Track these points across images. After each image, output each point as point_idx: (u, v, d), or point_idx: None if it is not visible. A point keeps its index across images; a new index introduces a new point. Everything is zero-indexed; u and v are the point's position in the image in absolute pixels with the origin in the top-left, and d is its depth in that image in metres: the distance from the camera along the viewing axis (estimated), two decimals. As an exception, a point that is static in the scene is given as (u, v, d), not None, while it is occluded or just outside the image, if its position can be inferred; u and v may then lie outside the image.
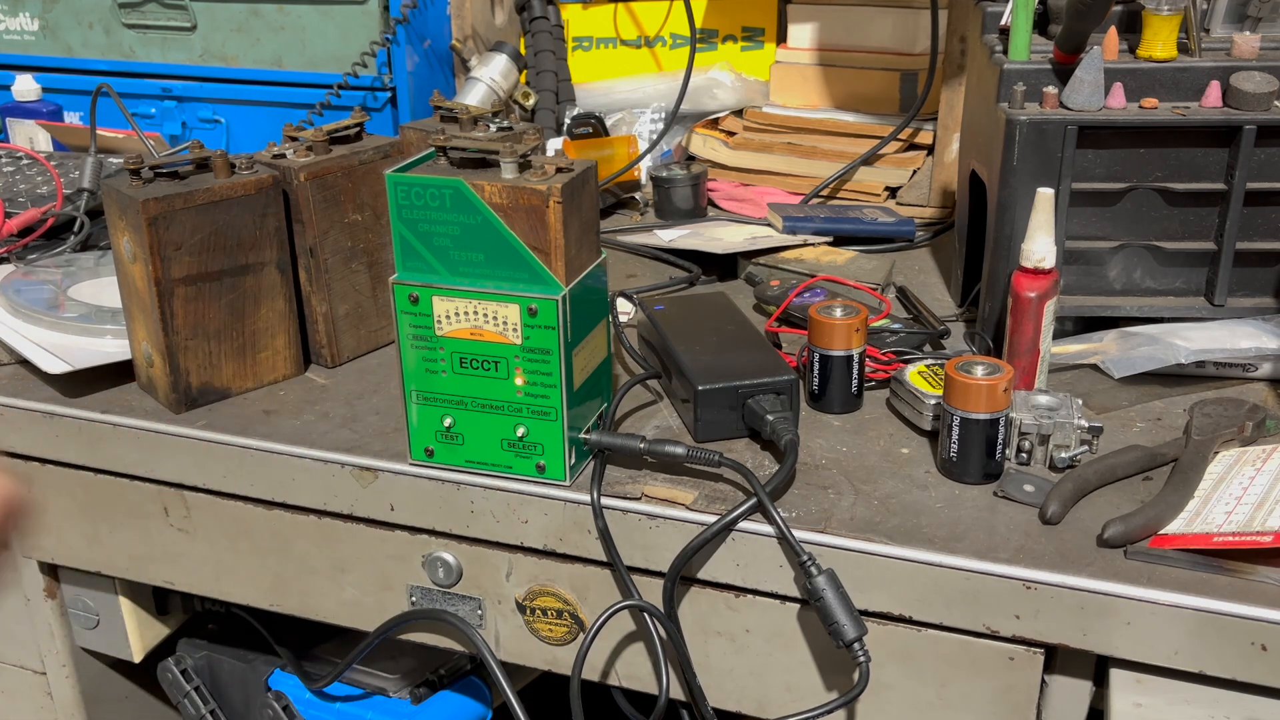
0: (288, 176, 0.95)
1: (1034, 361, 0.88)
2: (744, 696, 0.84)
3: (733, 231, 1.28)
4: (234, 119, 1.55)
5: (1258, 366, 0.93)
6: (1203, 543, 0.73)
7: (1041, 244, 0.86)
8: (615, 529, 0.81)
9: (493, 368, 0.79)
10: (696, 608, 0.82)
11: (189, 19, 1.53)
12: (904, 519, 0.77)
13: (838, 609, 0.74)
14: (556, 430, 0.80)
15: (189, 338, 0.92)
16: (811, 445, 0.87)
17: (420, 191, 0.76)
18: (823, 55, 1.45)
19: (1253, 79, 0.91)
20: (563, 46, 1.55)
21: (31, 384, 0.99)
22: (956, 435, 0.80)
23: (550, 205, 0.75)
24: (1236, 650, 0.69)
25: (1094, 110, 0.92)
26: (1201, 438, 0.83)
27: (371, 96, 1.45)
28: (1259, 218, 0.94)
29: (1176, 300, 0.98)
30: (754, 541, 0.78)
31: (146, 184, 0.90)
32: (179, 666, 1.15)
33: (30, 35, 1.64)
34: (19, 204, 1.27)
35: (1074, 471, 0.80)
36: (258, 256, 0.94)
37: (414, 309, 0.79)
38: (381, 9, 1.42)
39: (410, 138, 1.03)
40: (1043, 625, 0.72)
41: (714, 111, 1.50)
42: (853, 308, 0.90)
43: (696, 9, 1.51)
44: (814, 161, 1.41)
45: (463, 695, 1.10)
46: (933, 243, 1.29)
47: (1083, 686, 0.76)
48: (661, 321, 0.96)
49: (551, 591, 0.86)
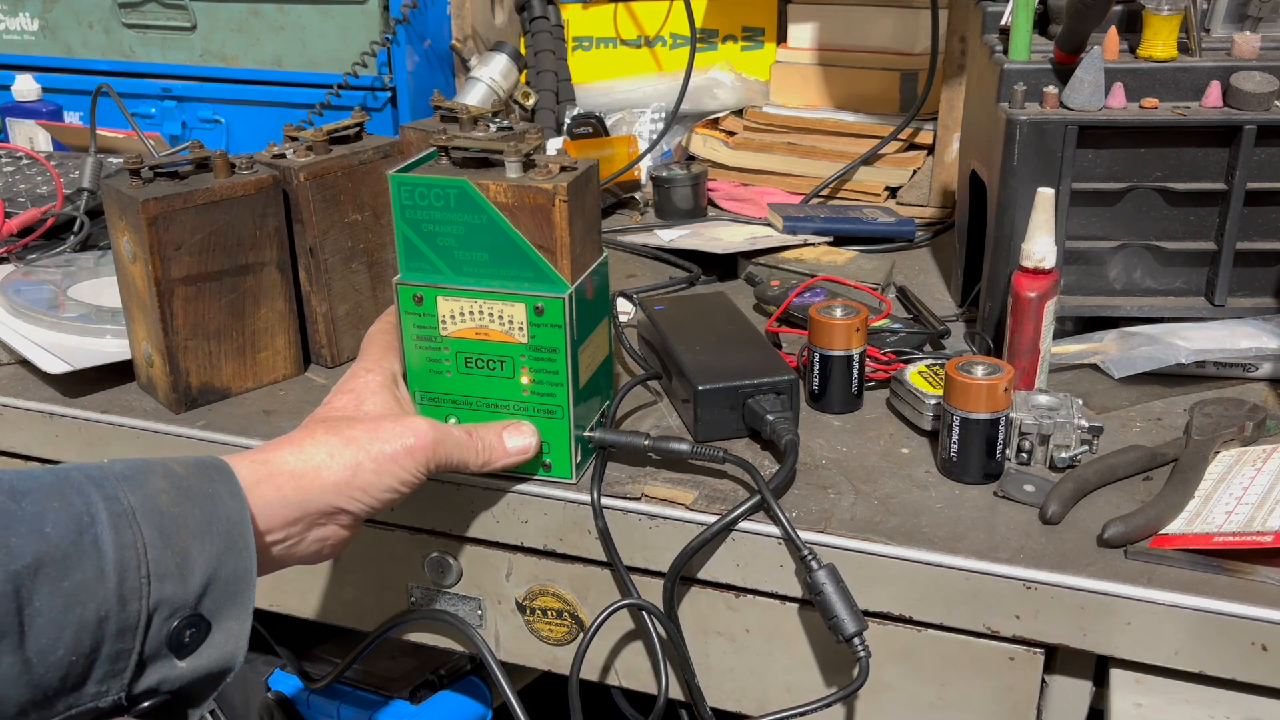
0: (288, 176, 0.95)
1: (1034, 361, 0.88)
2: (744, 696, 0.84)
3: (733, 231, 1.28)
4: (234, 119, 1.55)
5: (1258, 366, 0.93)
6: (1203, 543, 0.73)
7: (1041, 244, 0.86)
8: (615, 529, 0.81)
9: (498, 367, 0.79)
10: (696, 607, 0.82)
11: (189, 19, 1.53)
12: (904, 519, 0.77)
13: (838, 603, 0.73)
14: (563, 428, 0.80)
15: (189, 338, 0.92)
16: (811, 445, 0.87)
17: (424, 191, 0.76)
18: (823, 55, 1.45)
19: (1253, 79, 0.91)
20: (563, 46, 1.55)
21: (31, 384, 0.99)
22: (956, 435, 0.80)
23: (556, 204, 0.75)
24: (1236, 650, 0.69)
25: (1094, 110, 0.92)
26: (1201, 438, 0.83)
27: (371, 96, 1.45)
28: (1259, 218, 0.94)
29: (1176, 300, 0.98)
30: (754, 541, 0.78)
31: (146, 184, 0.90)
32: (179, 666, 1.14)
33: (30, 35, 1.64)
34: (19, 204, 1.27)
35: (1074, 471, 0.80)
36: (258, 256, 0.94)
37: (418, 309, 0.79)
38: (381, 9, 1.42)
39: (410, 138, 1.03)
40: (1043, 625, 0.72)
41: (714, 111, 1.50)
42: (853, 308, 0.90)
43: (696, 9, 1.51)
44: (814, 161, 1.41)
45: (463, 695, 1.10)
46: (933, 243, 1.29)
47: (1083, 686, 0.76)
48: (661, 321, 0.96)
49: (551, 591, 0.86)
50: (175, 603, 0.59)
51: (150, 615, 0.58)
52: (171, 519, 0.59)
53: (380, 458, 0.71)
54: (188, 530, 0.60)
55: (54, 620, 0.55)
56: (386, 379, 0.79)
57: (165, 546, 0.58)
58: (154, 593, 0.58)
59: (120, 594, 0.56)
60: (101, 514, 0.57)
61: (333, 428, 0.72)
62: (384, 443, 0.71)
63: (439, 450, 0.73)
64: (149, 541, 0.58)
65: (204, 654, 0.60)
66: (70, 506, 0.57)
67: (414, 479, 0.73)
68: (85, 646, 0.56)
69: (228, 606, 0.61)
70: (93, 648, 0.56)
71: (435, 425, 0.74)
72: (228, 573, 0.61)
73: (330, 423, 0.73)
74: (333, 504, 0.70)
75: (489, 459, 0.78)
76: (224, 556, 0.61)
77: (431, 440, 0.73)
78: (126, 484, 0.59)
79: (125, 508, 0.58)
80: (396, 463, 0.72)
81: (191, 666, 0.60)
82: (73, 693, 0.56)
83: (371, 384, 0.78)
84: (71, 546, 0.56)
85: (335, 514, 0.70)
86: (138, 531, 0.58)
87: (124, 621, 0.57)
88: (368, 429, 0.72)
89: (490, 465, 0.78)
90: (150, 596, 0.58)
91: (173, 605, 0.59)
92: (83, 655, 0.56)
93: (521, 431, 0.79)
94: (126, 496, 0.58)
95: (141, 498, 0.59)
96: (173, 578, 0.58)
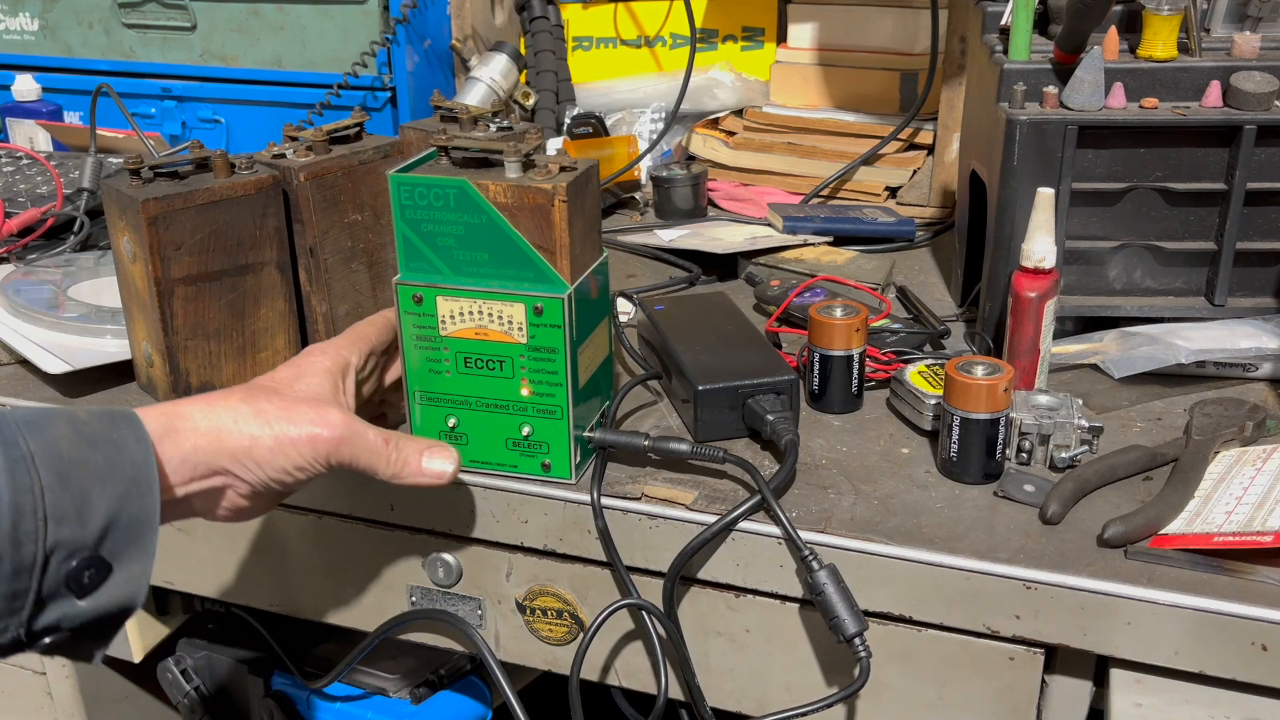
0: (288, 176, 0.95)
1: (1034, 361, 0.88)
2: (744, 696, 0.84)
3: (733, 231, 1.28)
4: (234, 119, 1.55)
5: (1258, 366, 0.93)
6: (1203, 543, 0.73)
7: (1041, 244, 0.86)
8: (615, 529, 0.81)
9: (498, 367, 0.79)
10: (696, 607, 0.82)
11: (189, 19, 1.53)
12: (904, 519, 0.77)
13: (839, 604, 0.73)
14: (562, 429, 0.80)
15: (189, 338, 0.92)
16: (811, 445, 0.87)
17: (424, 191, 0.76)
18: (823, 55, 1.45)
19: (1253, 79, 0.91)
20: (563, 46, 1.55)
21: (31, 384, 0.99)
22: (956, 435, 0.80)
23: (555, 204, 0.75)
24: (1236, 650, 0.69)
25: (1094, 110, 0.92)
26: (1201, 438, 0.83)
27: (371, 96, 1.45)
28: (1259, 218, 0.94)
29: (1176, 300, 0.98)
30: (754, 541, 0.78)
31: (146, 184, 0.90)
32: (179, 666, 1.15)
33: (30, 35, 1.64)
34: (19, 204, 1.27)
35: (1074, 471, 0.80)
36: (258, 256, 0.94)
37: (418, 309, 0.79)
38: (381, 9, 1.42)
39: (410, 138, 1.02)
40: (1043, 625, 0.72)
41: (714, 111, 1.50)
42: (853, 308, 0.90)
43: (696, 9, 1.51)
44: (814, 161, 1.41)
45: (463, 695, 1.10)
46: (933, 243, 1.29)
47: (1083, 686, 0.76)
48: (661, 321, 0.96)
49: (551, 591, 0.86)
50: (73, 544, 0.59)
51: (47, 557, 0.58)
52: (71, 463, 0.60)
53: (281, 439, 0.71)
54: (88, 473, 0.60)
55: None
56: (336, 364, 0.78)
57: (63, 490, 0.59)
58: (51, 535, 0.58)
59: (14, 536, 0.57)
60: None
61: (249, 395, 0.72)
62: (291, 425, 0.71)
63: (343, 448, 0.73)
64: (47, 485, 0.59)
65: (104, 594, 0.61)
66: None
67: (311, 468, 0.72)
68: None
69: (129, 548, 0.62)
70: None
71: (351, 423, 0.73)
72: (129, 516, 0.62)
73: (252, 389, 0.73)
74: (225, 468, 0.70)
75: (398, 472, 0.76)
76: (124, 500, 0.61)
77: (339, 436, 0.72)
78: (27, 429, 0.60)
79: (24, 453, 0.59)
80: (295, 448, 0.71)
81: (92, 605, 0.61)
82: None
83: (317, 365, 0.77)
84: None
85: (230, 478, 0.71)
86: (35, 476, 0.58)
87: (18, 562, 0.57)
88: (283, 407, 0.72)
89: (399, 479, 0.76)
90: (47, 539, 0.58)
91: (70, 547, 0.59)
92: None
93: (443, 456, 0.77)
94: (25, 441, 0.59)
95: (41, 443, 0.60)
96: (70, 521, 0.59)
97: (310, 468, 0.72)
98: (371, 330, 0.82)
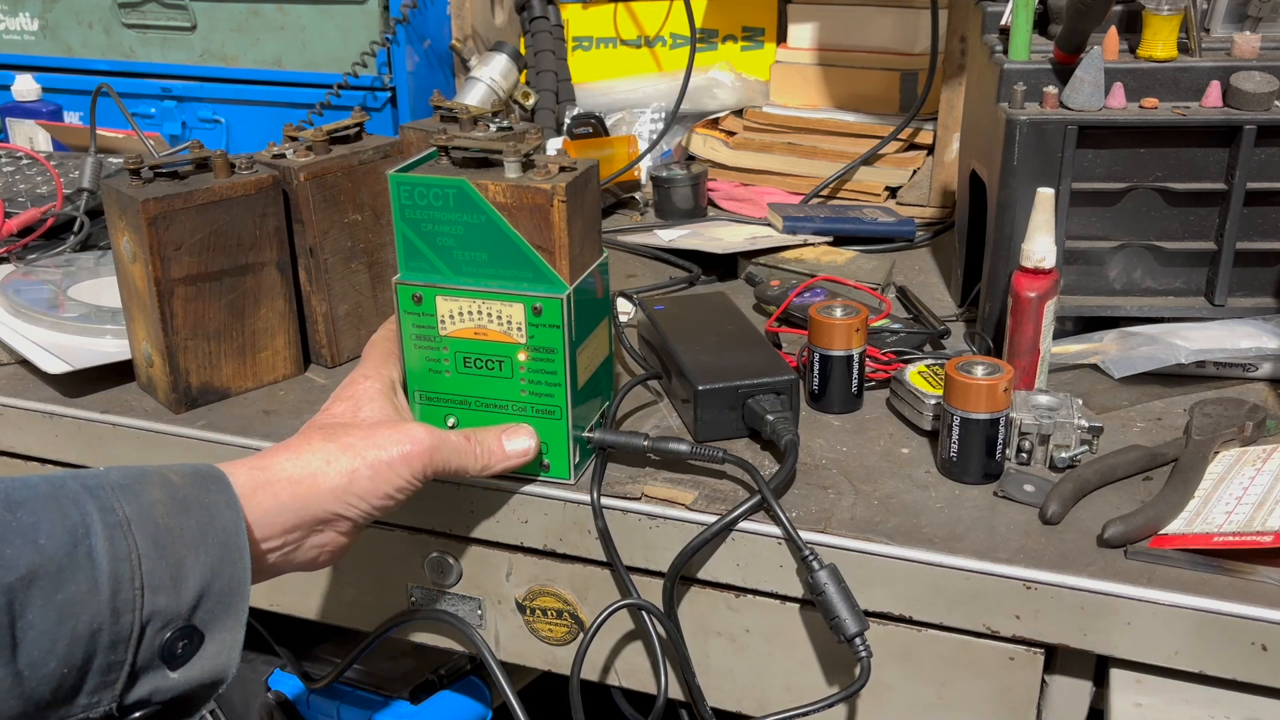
0: (288, 176, 0.95)
1: (1034, 361, 0.88)
2: (744, 696, 0.84)
3: (733, 231, 1.28)
4: (234, 119, 1.55)
5: (1258, 366, 0.93)
6: (1203, 543, 0.73)
7: (1041, 244, 0.86)
8: (615, 529, 0.81)
9: (497, 367, 0.79)
10: (696, 608, 0.82)
11: (189, 19, 1.53)
12: (904, 519, 0.77)
13: (839, 603, 0.73)
14: (561, 429, 0.80)
15: (189, 338, 0.92)
16: (811, 445, 0.87)
17: (424, 191, 0.76)
18: (823, 55, 1.45)
19: (1253, 79, 0.91)
20: (563, 46, 1.55)
21: (31, 384, 0.99)
22: (956, 435, 0.80)
23: (554, 204, 0.75)
24: (1236, 650, 0.69)
25: (1094, 110, 0.92)
26: (1201, 438, 0.83)
27: (371, 96, 1.45)
28: (1259, 218, 0.94)
29: (1176, 300, 0.98)
30: (754, 541, 0.78)
31: (146, 184, 0.90)
32: (179, 666, 1.14)
33: (30, 35, 1.64)
34: (19, 204, 1.27)
35: (1074, 471, 0.80)
36: (258, 256, 0.94)
37: (417, 309, 0.79)
38: (381, 9, 1.42)
39: (410, 138, 1.02)
40: (1043, 625, 0.72)
41: (714, 111, 1.50)
42: (853, 308, 0.90)
43: (696, 9, 1.51)
44: (814, 161, 1.41)
45: (463, 695, 1.10)
46: (933, 243, 1.29)
47: (1083, 686, 0.76)
48: (661, 321, 0.96)
49: (551, 591, 0.86)
50: (168, 614, 0.59)
51: (143, 627, 0.58)
52: (166, 530, 0.59)
53: (376, 464, 0.71)
54: (183, 541, 0.60)
55: (46, 633, 0.54)
56: (385, 386, 0.79)
57: (160, 558, 0.58)
58: (147, 605, 0.58)
59: (113, 606, 0.56)
60: (96, 525, 0.57)
61: (330, 434, 0.72)
62: (380, 449, 0.71)
63: (436, 456, 0.73)
64: (143, 553, 0.58)
65: (196, 665, 0.60)
66: (66, 517, 0.57)
67: (410, 485, 0.73)
68: (77, 659, 0.56)
69: (221, 618, 0.61)
70: (85, 660, 0.56)
71: (432, 432, 0.74)
72: (222, 584, 0.61)
73: (328, 429, 0.73)
74: (330, 510, 0.70)
75: (488, 463, 0.78)
76: (218, 568, 0.61)
77: (428, 446, 0.73)
78: (122, 494, 0.59)
79: (120, 519, 0.58)
80: (393, 469, 0.71)
81: (184, 677, 0.60)
82: (64, 705, 0.56)
83: (369, 391, 0.78)
84: (66, 558, 0.55)
85: (333, 520, 0.70)
86: (132, 543, 0.58)
87: (116, 634, 0.57)
88: (364, 435, 0.72)
89: (490, 469, 0.78)
90: (143, 609, 0.57)
91: (166, 617, 0.58)
92: (75, 667, 0.56)
93: (520, 434, 0.79)
94: (122, 507, 0.58)
95: (137, 508, 0.59)
96: (166, 589, 0.58)
97: (409, 485, 0.73)
98: (396, 346, 0.82)
